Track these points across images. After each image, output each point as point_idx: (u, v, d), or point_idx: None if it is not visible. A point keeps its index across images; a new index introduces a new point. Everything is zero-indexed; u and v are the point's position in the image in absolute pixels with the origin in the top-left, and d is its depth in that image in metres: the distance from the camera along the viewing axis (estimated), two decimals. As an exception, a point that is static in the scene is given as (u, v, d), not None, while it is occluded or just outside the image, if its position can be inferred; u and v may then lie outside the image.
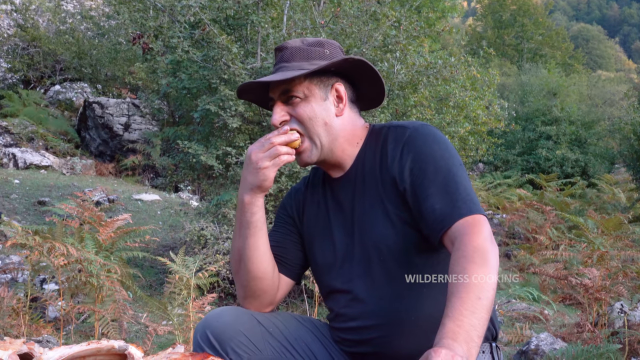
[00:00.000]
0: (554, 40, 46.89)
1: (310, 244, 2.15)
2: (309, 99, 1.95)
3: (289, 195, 2.27)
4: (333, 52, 2.00)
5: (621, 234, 8.22)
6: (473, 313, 1.51)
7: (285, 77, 1.88)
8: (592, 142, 20.86)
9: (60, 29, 16.49)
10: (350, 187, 2.03)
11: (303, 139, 1.96)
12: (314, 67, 1.91)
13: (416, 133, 1.92)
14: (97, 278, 4.05)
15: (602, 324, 4.70)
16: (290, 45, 1.99)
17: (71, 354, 1.40)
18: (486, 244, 1.66)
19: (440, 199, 1.79)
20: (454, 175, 1.82)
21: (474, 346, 1.46)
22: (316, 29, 6.27)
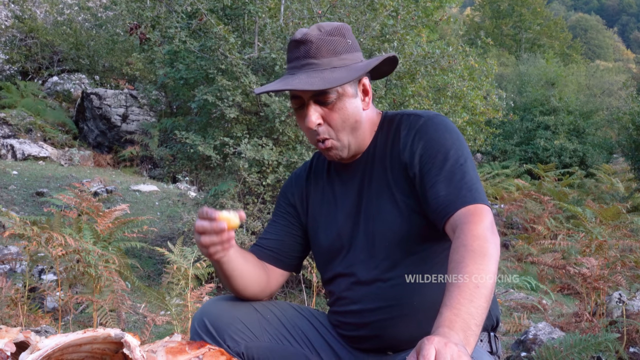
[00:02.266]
0: (552, 30, 46.84)
1: (314, 230, 2.15)
2: (342, 98, 1.91)
3: (290, 181, 2.27)
4: (353, 41, 1.98)
5: (619, 223, 8.23)
6: (471, 301, 1.51)
7: (328, 85, 1.84)
8: (591, 132, 20.84)
9: (57, 20, 16.44)
10: (358, 173, 2.04)
11: (333, 142, 1.95)
12: (356, 74, 1.88)
13: (430, 122, 1.92)
14: (95, 268, 4.04)
15: (600, 313, 4.71)
16: (312, 37, 1.91)
17: (67, 342, 1.40)
18: (486, 233, 1.66)
19: (446, 186, 1.79)
20: (461, 165, 1.82)
21: (472, 334, 1.45)
22: (313, 19, 6.25)
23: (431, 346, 1.34)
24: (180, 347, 1.66)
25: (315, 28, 1.94)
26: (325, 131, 1.93)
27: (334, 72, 1.88)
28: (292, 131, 6.00)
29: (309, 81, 1.85)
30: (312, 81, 1.85)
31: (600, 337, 3.35)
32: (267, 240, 2.19)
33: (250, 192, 6.10)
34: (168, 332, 4.30)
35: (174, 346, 1.65)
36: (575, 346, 3.32)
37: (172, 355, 1.63)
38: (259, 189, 5.97)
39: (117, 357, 1.55)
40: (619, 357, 4.00)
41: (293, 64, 1.94)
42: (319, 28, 1.94)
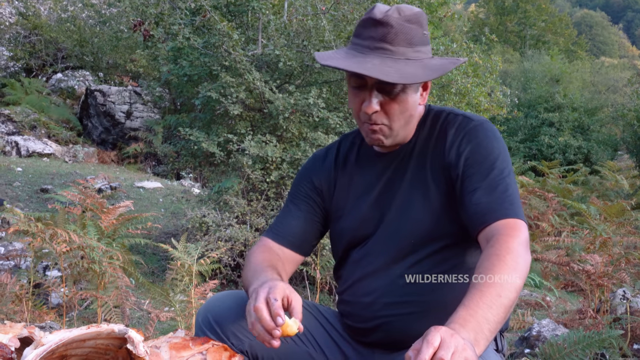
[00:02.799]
0: (557, 26, 46.72)
1: (337, 215, 2.12)
2: (405, 91, 1.87)
3: (315, 164, 2.22)
4: (427, 33, 1.91)
5: (624, 220, 8.21)
6: (490, 307, 1.51)
7: (405, 81, 1.77)
8: (595, 128, 20.81)
9: (61, 16, 16.43)
10: (394, 164, 2.01)
11: (384, 128, 1.90)
12: (433, 75, 1.83)
13: (480, 126, 1.91)
14: (100, 265, 4.05)
15: (604, 310, 4.70)
16: (393, 21, 1.81)
17: (71, 337, 1.40)
18: (520, 249, 1.66)
19: (488, 194, 1.78)
20: (505, 177, 1.82)
21: (483, 337, 1.45)
22: (317, 16, 6.25)
23: (437, 334, 1.35)
24: (183, 342, 1.66)
25: (395, 10, 1.84)
26: (379, 119, 1.88)
27: (408, 66, 1.82)
28: (296, 128, 6.00)
29: (384, 70, 1.78)
30: (387, 71, 1.78)
31: (604, 334, 3.34)
32: (288, 227, 2.14)
33: (254, 188, 6.10)
34: (172, 328, 4.31)
35: (177, 342, 1.65)
36: (579, 343, 3.31)
37: (176, 350, 1.63)
38: (262, 186, 5.97)
39: (120, 353, 1.55)
40: (623, 354, 4.00)
41: (366, 42, 1.85)
42: (399, 11, 1.84)
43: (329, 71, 6.31)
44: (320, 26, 6.08)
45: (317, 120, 5.93)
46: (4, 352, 1.41)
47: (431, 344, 1.34)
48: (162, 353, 1.60)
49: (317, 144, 5.81)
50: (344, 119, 6.15)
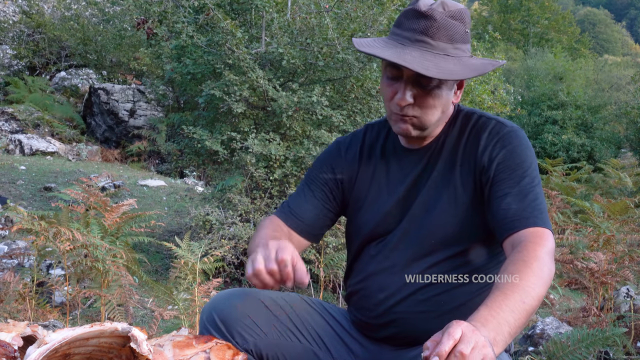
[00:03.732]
0: (560, 24, 46.62)
1: (356, 208, 2.10)
2: (441, 87, 1.85)
3: (338, 152, 2.17)
4: (469, 31, 1.91)
5: (627, 218, 8.19)
6: (512, 311, 1.50)
7: (442, 77, 1.77)
8: (599, 126, 20.77)
9: (65, 15, 16.46)
10: (421, 162, 1.99)
11: (414, 120, 1.88)
12: (473, 74, 1.82)
13: (514, 133, 1.90)
14: (103, 263, 4.05)
15: (608, 308, 4.70)
16: (436, 15, 1.80)
17: (74, 335, 1.40)
18: (546, 258, 1.67)
19: (519, 201, 1.78)
20: (535, 186, 1.82)
21: (502, 339, 1.44)
22: (321, 13, 6.25)
23: (459, 327, 1.35)
24: (187, 341, 1.66)
25: (440, 5, 1.83)
26: (410, 111, 1.87)
27: (447, 62, 1.80)
28: (300, 126, 6.00)
29: (423, 64, 1.76)
30: (427, 65, 1.76)
31: (607, 331, 3.34)
32: (301, 210, 2.11)
33: (257, 187, 6.11)
34: (175, 327, 4.31)
35: (181, 340, 1.65)
36: (583, 341, 3.31)
37: (179, 349, 1.63)
38: (266, 184, 5.97)
39: (124, 351, 1.55)
40: (627, 351, 4.00)
41: (407, 34, 1.83)
42: (444, 6, 1.83)
43: (332, 69, 6.30)
44: (324, 24, 6.07)
45: (320, 118, 5.93)
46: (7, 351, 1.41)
47: (452, 336, 1.34)
48: (165, 351, 1.60)
49: (321, 142, 5.81)
50: (348, 117, 6.14)
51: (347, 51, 5.92)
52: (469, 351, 1.33)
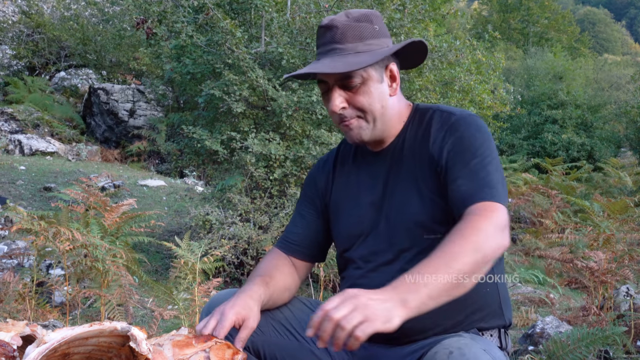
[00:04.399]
0: (560, 23, 46.59)
1: (335, 214, 2.16)
2: (367, 83, 1.92)
3: (317, 167, 2.28)
4: (381, 27, 1.98)
5: (627, 217, 8.18)
6: (434, 274, 1.56)
7: (349, 68, 1.85)
8: (598, 125, 20.78)
9: (64, 15, 16.45)
10: (386, 163, 2.04)
11: (359, 120, 1.96)
12: (377, 57, 1.89)
13: (462, 120, 1.93)
14: (103, 263, 4.05)
15: (607, 307, 4.70)
16: (338, 23, 1.92)
17: (74, 335, 1.40)
18: (490, 230, 1.68)
19: (468, 181, 1.81)
20: (487, 164, 1.84)
21: (416, 299, 1.53)
22: (320, 13, 6.24)
23: (335, 297, 1.51)
24: (187, 340, 1.66)
25: (343, 14, 1.95)
26: (350, 114, 1.94)
27: (358, 57, 1.89)
28: (299, 126, 6.00)
29: (331, 65, 1.87)
30: (335, 65, 1.86)
31: (607, 330, 3.34)
32: (293, 234, 2.20)
33: (257, 186, 6.11)
34: (175, 327, 4.31)
35: (180, 340, 1.65)
36: (583, 340, 3.31)
37: (179, 348, 1.63)
38: (266, 184, 5.97)
39: (123, 351, 1.55)
40: (627, 350, 4.00)
41: (320, 49, 1.97)
42: (347, 14, 1.95)
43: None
44: (323, 24, 6.07)
45: (320, 118, 5.93)
46: (6, 351, 1.40)
47: (322, 308, 1.48)
48: (165, 351, 1.60)
49: (321, 141, 5.81)
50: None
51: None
52: (340, 315, 1.46)
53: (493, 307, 1.97)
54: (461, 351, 1.58)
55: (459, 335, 1.79)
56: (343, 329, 1.48)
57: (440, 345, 1.64)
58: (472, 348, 1.59)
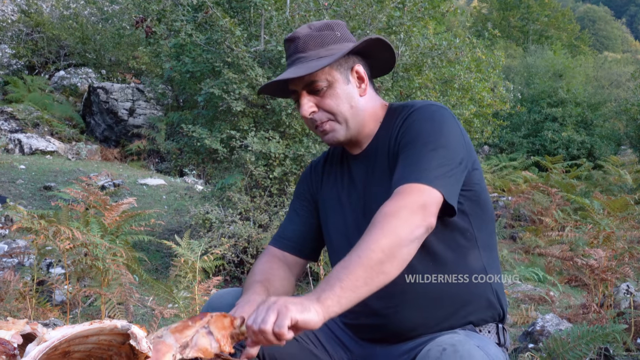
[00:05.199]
0: (560, 21, 46.57)
1: (324, 218, 2.20)
2: (333, 86, 1.98)
3: (309, 169, 2.32)
4: (343, 34, 2.04)
5: (627, 215, 8.18)
6: (344, 267, 1.62)
7: (309, 70, 1.91)
8: (598, 123, 20.75)
9: (64, 14, 16.45)
10: (364, 165, 2.07)
11: (331, 122, 2.01)
12: (336, 56, 1.94)
13: (416, 111, 1.96)
14: (103, 261, 4.05)
15: (608, 305, 4.69)
16: (300, 34, 2.00)
17: (74, 333, 1.40)
18: (401, 212, 1.70)
19: (404, 166, 1.83)
20: (429, 151, 1.83)
21: (331, 296, 1.58)
22: (320, 11, 6.24)
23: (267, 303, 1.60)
24: (183, 324, 1.67)
25: (306, 26, 2.03)
26: (321, 117, 2.00)
27: (320, 60, 1.94)
28: (299, 124, 5.99)
29: (294, 71, 1.94)
30: (297, 71, 1.93)
31: (607, 328, 3.34)
32: (288, 231, 2.24)
33: (257, 185, 6.11)
34: (176, 325, 4.30)
35: (177, 325, 1.66)
36: (583, 337, 3.31)
37: (179, 333, 1.63)
38: (265, 182, 5.97)
39: (123, 349, 1.55)
40: (627, 348, 4.00)
41: (288, 60, 2.04)
42: (309, 26, 2.03)
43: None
44: (323, 22, 6.07)
45: (320, 116, 5.92)
46: (7, 349, 1.41)
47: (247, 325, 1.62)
48: (166, 340, 1.61)
49: (320, 140, 5.80)
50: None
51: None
52: (257, 324, 1.56)
53: (485, 298, 1.96)
54: (454, 348, 1.58)
55: (453, 332, 1.81)
56: (264, 332, 1.56)
57: (433, 343, 1.64)
58: (466, 345, 1.59)
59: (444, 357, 1.56)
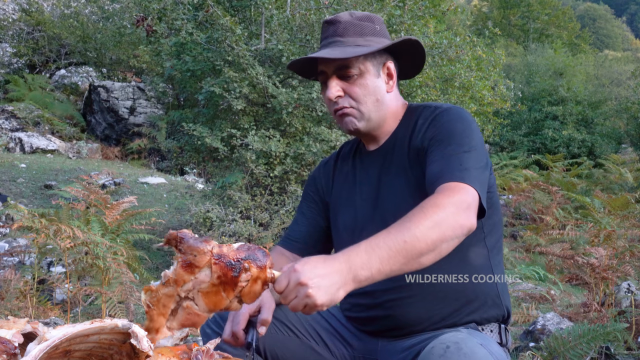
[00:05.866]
0: (561, 19, 46.52)
1: (335, 212, 2.20)
2: (364, 75, 1.99)
3: (319, 168, 2.34)
4: (382, 29, 2.06)
5: (628, 213, 8.19)
6: (389, 248, 1.58)
7: (346, 55, 1.92)
8: (599, 122, 20.73)
9: (64, 12, 16.43)
10: (380, 161, 2.09)
11: (353, 110, 2.01)
12: (373, 48, 1.96)
13: (445, 112, 1.98)
14: (104, 260, 4.06)
15: (608, 303, 4.69)
16: (342, 19, 2.01)
17: (75, 332, 1.40)
18: (450, 207, 1.69)
19: (440, 164, 1.83)
20: (464, 151, 1.85)
21: (365, 271, 1.54)
22: (320, 10, 6.24)
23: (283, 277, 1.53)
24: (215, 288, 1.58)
25: (347, 14, 2.04)
26: (345, 103, 2.00)
27: (356, 48, 1.96)
28: (299, 123, 5.99)
29: (329, 52, 1.95)
30: (333, 52, 1.94)
31: (608, 327, 3.34)
32: (296, 232, 2.25)
33: (257, 183, 6.10)
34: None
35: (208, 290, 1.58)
36: (584, 336, 3.31)
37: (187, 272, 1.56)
38: (266, 181, 5.97)
39: (124, 348, 1.55)
40: (628, 347, 4.00)
41: (322, 42, 2.05)
42: (351, 14, 2.04)
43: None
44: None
45: (320, 115, 5.93)
46: (7, 348, 1.40)
47: (275, 288, 1.54)
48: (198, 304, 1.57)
49: (321, 138, 5.80)
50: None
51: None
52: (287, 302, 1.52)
53: (490, 297, 1.97)
54: (458, 346, 1.58)
55: (456, 330, 1.82)
56: (295, 309, 1.52)
57: (437, 340, 1.64)
58: (469, 343, 1.59)
59: (448, 354, 1.56)
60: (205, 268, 1.51)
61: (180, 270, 1.52)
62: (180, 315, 1.52)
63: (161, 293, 1.53)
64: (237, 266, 1.51)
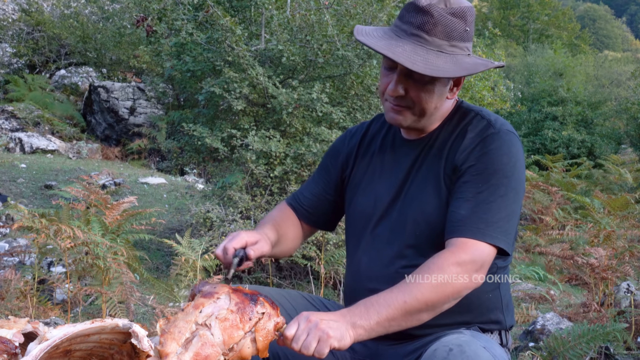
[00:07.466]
0: (560, 20, 46.55)
1: (352, 191, 2.17)
2: (434, 83, 1.89)
3: (344, 138, 2.28)
4: (471, 30, 1.93)
5: (628, 214, 8.19)
6: (389, 306, 1.63)
7: (423, 71, 1.79)
8: (599, 122, 20.72)
9: (64, 13, 16.42)
10: (414, 153, 2.02)
11: (407, 110, 1.93)
12: (454, 74, 1.83)
13: (497, 135, 1.88)
14: (104, 260, 4.06)
15: (608, 303, 4.70)
16: (434, 11, 1.83)
17: (75, 332, 1.40)
18: (453, 269, 1.69)
19: (470, 209, 1.79)
20: (499, 196, 1.80)
21: (364, 326, 1.63)
22: (320, 10, 6.24)
23: (296, 321, 1.62)
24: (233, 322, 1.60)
25: (442, 1, 1.86)
26: (403, 102, 1.92)
27: (439, 58, 1.83)
28: (299, 123, 5.99)
29: (411, 57, 1.80)
30: (415, 59, 1.80)
31: (608, 327, 3.34)
32: (305, 198, 2.27)
33: (257, 184, 6.11)
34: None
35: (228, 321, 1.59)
36: (583, 336, 3.31)
37: (228, 335, 1.57)
38: (266, 181, 5.97)
39: (125, 347, 1.55)
40: (627, 347, 4.00)
41: (405, 27, 1.88)
42: (445, 2, 1.86)
43: (332, 66, 6.30)
44: (323, 21, 6.06)
45: (320, 115, 5.93)
46: (8, 348, 1.41)
47: (285, 335, 1.62)
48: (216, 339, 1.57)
49: (321, 138, 5.80)
50: (348, 114, 6.14)
51: (347, 48, 5.92)
52: (299, 345, 1.58)
53: (495, 313, 1.97)
54: (461, 348, 1.58)
55: (459, 332, 1.80)
56: (305, 354, 1.58)
57: (439, 343, 1.64)
58: (472, 345, 1.59)
59: (451, 357, 1.56)
60: (224, 295, 1.60)
61: (201, 298, 1.59)
62: (195, 346, 1.52)
63: (179, 318, 1.54)
64: (253, 297, 1.64)
